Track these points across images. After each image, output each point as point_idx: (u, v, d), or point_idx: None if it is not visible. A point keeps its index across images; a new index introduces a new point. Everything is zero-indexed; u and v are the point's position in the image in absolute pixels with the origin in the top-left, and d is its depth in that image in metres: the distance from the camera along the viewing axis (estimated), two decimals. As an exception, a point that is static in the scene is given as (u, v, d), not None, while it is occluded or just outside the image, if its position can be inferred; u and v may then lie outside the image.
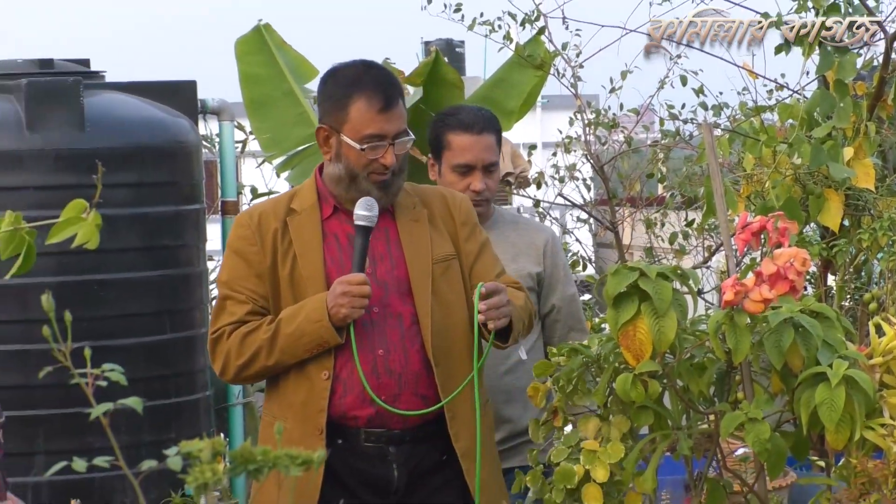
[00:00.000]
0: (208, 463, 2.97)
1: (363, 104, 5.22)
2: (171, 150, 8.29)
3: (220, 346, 5.16)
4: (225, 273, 5.33)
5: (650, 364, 5.47)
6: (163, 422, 7.58)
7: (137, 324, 8.00)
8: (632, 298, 5.46)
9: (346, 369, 5.15)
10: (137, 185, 8.04)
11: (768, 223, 6.00)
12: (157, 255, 8.20)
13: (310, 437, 5.03)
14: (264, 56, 9.66)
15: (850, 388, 5.69)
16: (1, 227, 3.19)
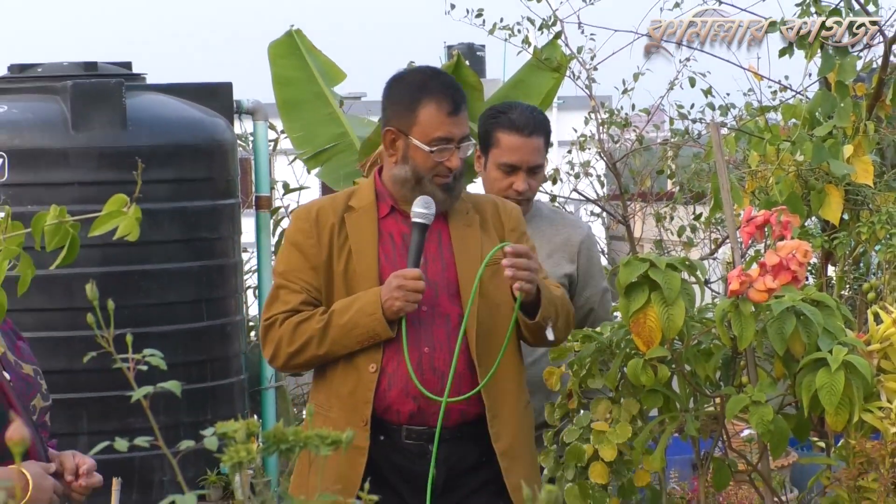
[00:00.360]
0: (243, 443, 2.95)
1: (433, 108, 5.11)
2: (208, 148, 8.31)
3: (272, 333, 5.06)
4: (282, 264, 5.24)
5: (659, 350, 5.46)
6: (200, 404, 7.58)
7: (176, 312, 8.03)
8: (642, 288, 5.45)
9: (393, 363, 5.06)
10: (176, 181, 8.05)
11: (772, 217, 5.98)
12: (195, 246, 8.20)
13: (355, 427, 4.86)
14: (296, 60, 9.66)
15: (849, 372, 5.69)
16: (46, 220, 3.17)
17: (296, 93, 9.63)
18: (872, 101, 7.70)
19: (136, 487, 7.21)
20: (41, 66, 8.35)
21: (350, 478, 4.83)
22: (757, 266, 5.85)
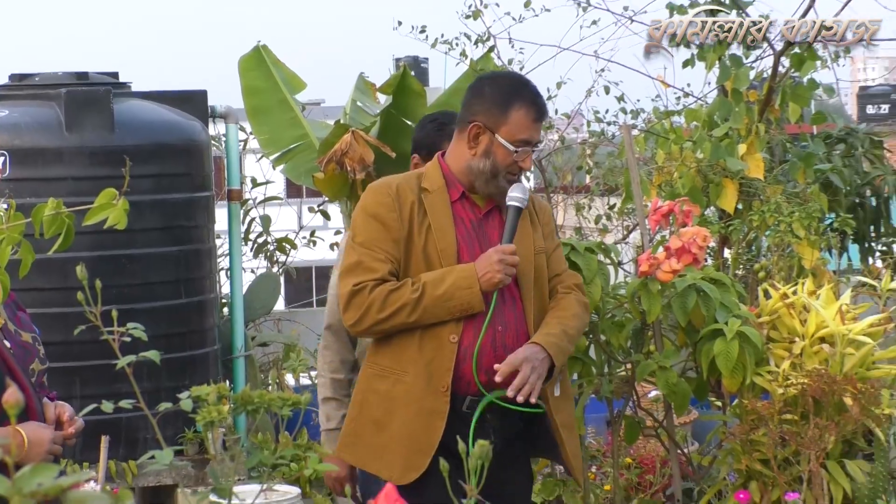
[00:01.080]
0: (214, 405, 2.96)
1: (524, 112, 4.90)
2: (185, 147, 8.33)
3: (359, 298, 4.74)
4: (361, 234, 4.85)
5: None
6: (178, 371, 7.58)
7: (157, 290, 8.04)
8: (565, 268, 5.46)
9: (468, 338, 4.81)
10: (158, 176, 8.05)
11: (675, 207, 6.02)
12: (174, 234, 8.22)
13: (434, 393, 4.75)
14: (262, 71, 9.70)
15: (742, 341, 5.75)
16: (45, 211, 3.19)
17: (262, 100, 9.67)
18: (763, 106, 7.75)
19: (123, 444, 7.22)
20: (38, 76, 8.40)
21: (425, 438, 4.72)
22: (663, 249, 5.89)
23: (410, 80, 9.07)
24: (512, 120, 4.84)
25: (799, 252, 7.07)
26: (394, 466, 4.73)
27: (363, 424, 4.86)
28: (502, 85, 4.99)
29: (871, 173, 10.20)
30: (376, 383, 4.87)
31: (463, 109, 4.99)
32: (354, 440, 4.94)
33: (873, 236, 10.30)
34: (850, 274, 9.35)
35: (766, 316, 6.13)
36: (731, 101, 7.65)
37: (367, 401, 4.87)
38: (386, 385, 4.82)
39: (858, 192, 10.10)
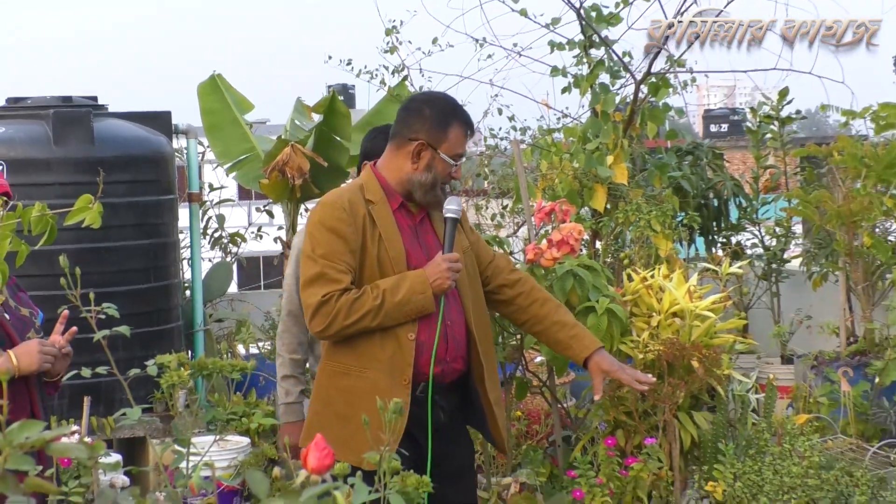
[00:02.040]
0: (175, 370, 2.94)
1: (459, 130, 4.75)
2: (153, 158, 8.29)
3: (326, 308, 4.51)
4: (322, 247, 4.59)
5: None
6: (148, 343, 7.52)
7: (131, 276, 7.99)
8: (466, 257, 5.44)
9: (425, 334, 4.65)
10: (131, 182, 8.04)
11: (556, 206, 6.04)
12: (145, 229, 8.19)
13: (398, 386, 4.54)
14: (217, 96, 9.69)
15: (610, 316, 5.78)
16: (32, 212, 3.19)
17: (217, 119, 9.66)
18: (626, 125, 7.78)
19: (102, 404, 7.17)
20: (30, 99, 8.36)
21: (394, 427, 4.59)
22: (546, 241, 5.90)
23: (338, 103, 9.09)
24: (451, 138, 4.71)
25: (656, 243, 7.10)
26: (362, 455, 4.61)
27: (328, 418, 4.67)
28: (440, 106, 4.82)
29: (714, 179, 10.28)
30: (338, 380, 4.69)
31: (401, 127, 4.79)
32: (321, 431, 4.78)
33: (716, 230, 10.38)
34: (697, 261, 9.43)
35: (629, 295, 6.17)
36: (601, 121, 7.68)
37: (331, 396, 4.69)
38: (348, 381, 4.64)
39: (703, 194, 10.17)
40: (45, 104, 8.14)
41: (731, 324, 6.43)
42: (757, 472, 5.51)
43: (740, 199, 10.43)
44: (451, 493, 4.67)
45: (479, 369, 4.84)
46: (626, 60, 7.65)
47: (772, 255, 10.24)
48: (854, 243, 9.07)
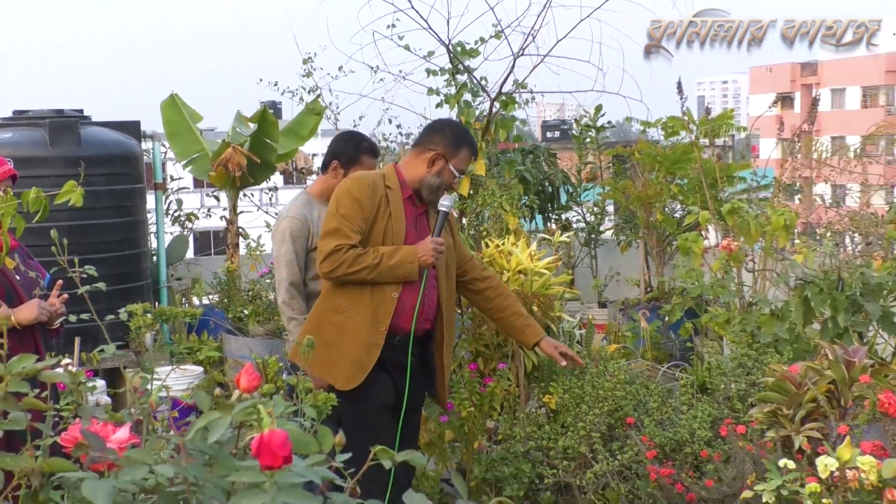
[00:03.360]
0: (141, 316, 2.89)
1: (467, 151, 4.71)
2: (127, 156, 8.26)
3: (336, 255, 4.42)
4: (344, 209, 4.48)
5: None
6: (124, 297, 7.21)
7: (110, 245, 7.94)
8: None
9: (406, 295, 4.58)
10: (110, 174, 8.02)
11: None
12: (120, 210, 8.13)
13: (375, 331, 4.50)
14: (175, 110, 9.58)
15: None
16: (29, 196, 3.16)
17: (176, 128, 9.57)
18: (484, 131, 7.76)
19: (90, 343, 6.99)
20: (31, 111, 8.28)
21: (366, 360, 4.51)
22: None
23: (268, 114, 9.03)
24: (460, 155, 4.68)
25: (506, 220, 7.11)
26: (339, 377, 4.51)
27: (316, 342, 4.63)
28: (458, 131, 4.79)
29: (549, 172, 10.36)
30: (331, 316, 4.59)
31: (424, 139, 4.75)
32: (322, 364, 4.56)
33: (550, 210, 10.48)
34: (536, 233, 9.49)
35: (486, 258, 6.18)
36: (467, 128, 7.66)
37: (322, 327, 4.58)
38: (339, 318, 4.56)
39: (541, 183, 10.26)
40: (43, 115, 8.08)
41: (561, 279, 6.48)
42: (580, 387, 5.57)
43: (568, 186, 10.55)
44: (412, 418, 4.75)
45: (440, 335, 4.79)
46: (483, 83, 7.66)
47: (591, 228, 10.37)
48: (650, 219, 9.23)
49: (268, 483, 1.64)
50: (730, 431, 4.62)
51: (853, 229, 8.12)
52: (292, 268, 5.32)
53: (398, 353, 4.60)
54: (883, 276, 5.68)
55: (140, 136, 8.84)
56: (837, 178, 9.29)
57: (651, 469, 4.80)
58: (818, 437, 4.23)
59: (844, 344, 4.98)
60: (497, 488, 5.41)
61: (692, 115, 8.94)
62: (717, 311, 6.76)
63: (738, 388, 5.42)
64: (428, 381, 4.84)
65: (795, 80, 58.92)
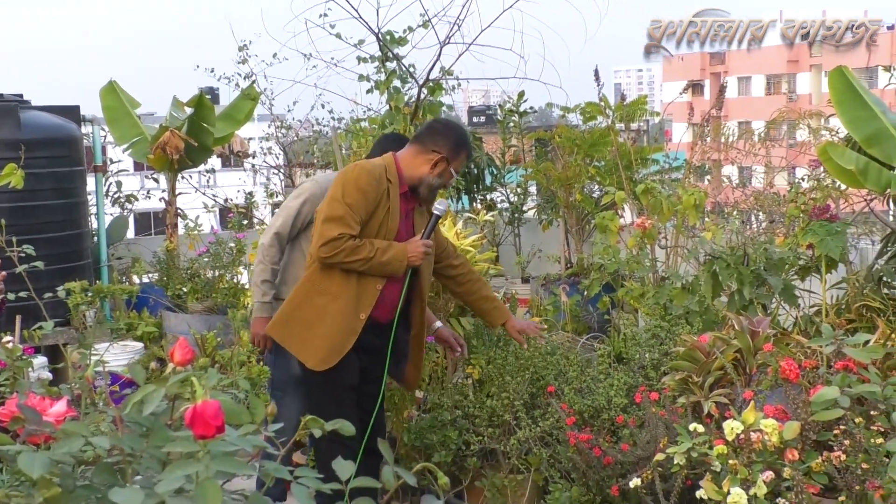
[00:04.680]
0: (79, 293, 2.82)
1: (465, 155, 4.65)
2: (67, 140, 8.08)
3: (338, 242, 4.33)
4: (350, 198, 4.38)
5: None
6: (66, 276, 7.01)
7: (52, 226, 7.78)
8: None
9: (389, 289, 4.53)
10: (51, 157, 7.84)
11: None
12: (62, 192, 7.96)
13: (356, 317, 4.45)
14: (114, 96, 9.46)
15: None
16: None
17: (115, 114, 9.44)
18: (412, 116, 7.73)
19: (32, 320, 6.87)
20: None
21: (343, 345, 4.44)
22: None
23: (204, 99, 8.93)
24: (460, 158, 4.62)
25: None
26: (313, 358, 4.46)
27: (295, 319, 4.52)
28: (459, 135, 4.70)
29: (474, 155, 10.35)
30: (315, 297, 4.51)
31: (427, 139, 4.63)
32: (285, 326, 4.58)
33: (476, 190, 10.48)
34: (463, 212, 9.49)
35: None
36: (395, 113, 7.61)
37: (303, 305, 4.51)
38: (322, 301, 4.48)
39: (467, 165, 10.26)
40: (-16, 101, 7.88)
41: (486, 255, 6.49)
42: (503, 357, 5.59)
43: (492, 168, 10.55)
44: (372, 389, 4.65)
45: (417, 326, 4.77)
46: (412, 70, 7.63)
47: (514, 208, 10.40)
48: (570, 199, 9.27)
49: (201, 452, 1.62)
50: (644, 398, 4.67)
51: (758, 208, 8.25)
52: (287, 221, 5.26)
53: (371, 337, 4.55)
54: (785, 251, 5.78)
55: (80, 121, 8.69)
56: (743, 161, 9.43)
57: (570, 435, 4.83)
58: (725, 403, 4.29)
59: (749, 315, 5.05)
60: (426, 455, 5.41)
61: (609, 101, 8.99)
62: (633, 285, 6.83)
63: (652, 358, 5.48)
64: (395, 364, 4.76)
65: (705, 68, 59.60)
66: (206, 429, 1.63)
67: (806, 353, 4.61)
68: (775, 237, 6.16)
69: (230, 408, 1.72)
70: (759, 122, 12.23)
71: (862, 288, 5.82)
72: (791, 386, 3.86)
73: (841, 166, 5.35)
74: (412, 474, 1.99)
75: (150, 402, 1.74)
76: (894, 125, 5.28)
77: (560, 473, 5.02)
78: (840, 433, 3.64)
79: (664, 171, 9.15)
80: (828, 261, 5.61)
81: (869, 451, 3.53)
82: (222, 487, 1.66)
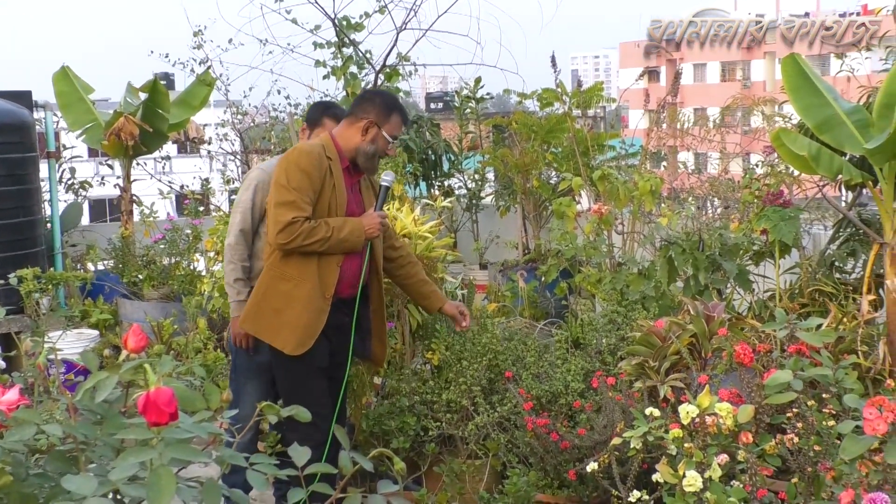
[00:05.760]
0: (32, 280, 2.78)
1: (398, 117, 4.60)
2: (19, 125, 7.92)
3: (293, 227, 4.31)
4: (295, 182, 4.36)
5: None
6: (19, 263, 7.10)
7: (5, 212, 7.65)
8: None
9: (347, 264, 4.52)
10: (2, 143, 7.70)
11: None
12: (14, 178, 7.81)
13: (322, 297, 4.44)
14: (67, 81, 9.34)
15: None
16: None
17: (68, 99, 9.33)
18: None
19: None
20: None
21: (315, 326, 4.44)
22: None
23: (159, 85, 8.85)
24: (392, 122, 4.58)
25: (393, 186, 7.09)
26: (289, 343, 4.45)
27: (264, 309, 4.51)
28: (388, 99, 4.67)
29: (432, 141, 10.35)
30: (279, 284, 4.50)
31: (357, 108, 4.62)
32: (256, 318, 4.56)
33: (433, 177, 10.47)
34: (420, 198, 9.48)
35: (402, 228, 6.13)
36: (351, 99, 7.59)
37: (269, 294, 4.50)
38: (287, 287, 4.47)
39: (424, 151, 10.24)
40: (-67, 85, 7.70)
41: (444, 242, 6.48)
42: (461, 343, 5.60)
43: (450, 154, 10.55)
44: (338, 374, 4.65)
45: (377, 301, 4.76)
46: (368, 56, 7.60)
47: (472, 194, 10.40)
48: (527, 185, 9.29)
49: (155, 440, 1.60)
50: (601, 383, 4.70)
51: (713, 194, 8.31)
52: (246, 215, 5.21)
53: (338, 314, 4.55)
54: (739, 237, 5.83)
55: (32, 106, 8.57)
56: (699, 147, 9.49)
57: (528, 420, 4.85)
58: (681, 387, 4.33)
59: (705, 300, 5.10)
60: (384, 441, 5.41)
61: (565, 87, 9.01)
62: (590, 271, 6.86)
63: (609, 343, 5.51)
64: (361, 342, 4.77)
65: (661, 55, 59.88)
66: (160, 416, 1.61)
67: (760, 338, 4.67)
68: (730, 223, 6.22)
69: (184, 395, 1.70)
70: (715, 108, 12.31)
71: (815, 273, 5.89)
72: (745, 370, 3.90)
73: (794, 152, 5.39)
74: (368, 460, 1.99)
75: (102, 388, 1.72)
76: (846, 112, 5.34)
77: (518, 458, 5.04)
78: (793, 416, 3.68)
79: (620, 157, 9.19)
80: (781, 246, 5.66)
81: (821, 433, 3.58)
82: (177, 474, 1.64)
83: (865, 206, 6.50)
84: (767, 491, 3.44)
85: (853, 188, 6.01)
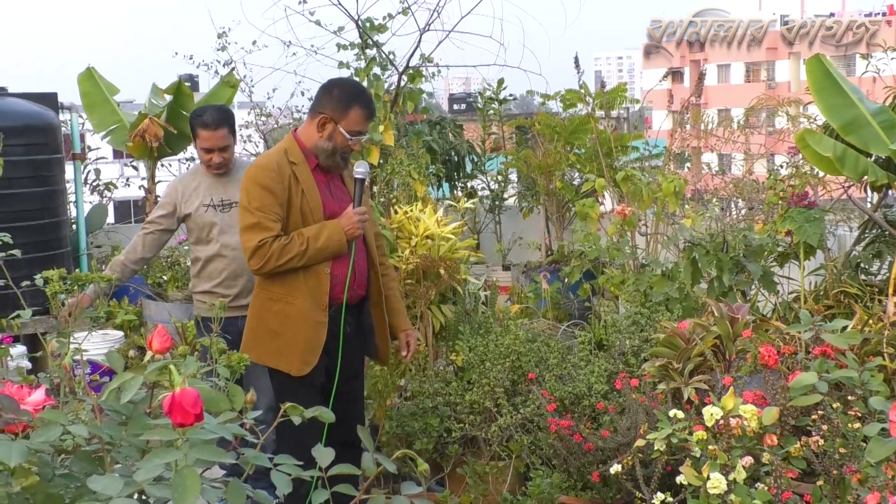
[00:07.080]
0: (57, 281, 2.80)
1: (359, 111, 4.32)
2: (45, 127, 7.93)
3: (262, 251, 4.18)
4: (257, 201, 4.22)
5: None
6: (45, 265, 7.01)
7: (31, 214, 7.66)
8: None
9: (337, 269, 4.34)
10: (28, 144, 7.69)
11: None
12: (39, 180, 7.82)
13: (318, 309, 4.29)
14: (92, 82, 9.37)
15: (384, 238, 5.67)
16: None
17: (93, 100, 9.35)
18: (393, 103, 7.73)
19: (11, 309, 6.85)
20: None
21: (316, 340, 4.30)
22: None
23: (183, 86, 8.90)
24: (351, 116, 4.32)
25: (414, 187, 7.10)
26: (292, 363, 4.31)
27: (262, 334, 4.38)
28: (347, 90, 4.40)
29: (455, 142, 10.35)
30: (271, 305, 4.35)
31: (315, 102, 4.42)
32: (255, 343, 4.39)
33: (456, 178, 10.48)
34: (443, 199, 9.49)
35: (395, 224, 6.15)
36: (375, 100, 7.60)
37: (264, 317, 4.37)
38: (279, 306, 4.33)
39: (447, 152, 10.24)
40: (-40, 89, 7.79)
41: (467, 243, 6.49)
42: (485, 345, 5.59)
43: (473, 156, 10.55)
44: (351, 388, 4.55)
45: (375, 294, 4.60)
46: (391, 58, 7.61)
47: (495, 195, 10.39)
48: (550, 186, 9.28)
49: (180, 440, 1.61)
50: (624, 385, 4.68)
51: (737, 195, 8.27)
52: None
53: (335, 323, 4.40)
54: (763, 238, 5.80)
55: (57, 108, 8.60)
56: (723, 148, 9.44)
57: (551, 421, 4.85)
58: (705, 389, 4.31)
59: (729, 301, 5.07)
60: (407, 442, 5.42)
61: (589, 88, 8.99)
62: (613, 272, 6.84)
63: (632, 345, 5.49)
64: (365, 344, 4.65)
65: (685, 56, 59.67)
66: (185, 417, 1.62)
67: (784, 340, 4.64)
68: (754, 224, 6.18)
69: (209, 395, 1.71)
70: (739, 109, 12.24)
71: (840, 274, 5.85)
72: (770, 372, 3.88)
73: (819, 153, 5.36)
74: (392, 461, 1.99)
75: (127, 389, 1.73)
76: (872, 113, 5.30)
77: (541, 460, 5.03)
78: (818, 418, 3.66)
79: (644, 158, 9.17)
80: (806, 247, 5.63)
81: (846, 435, 3.56)
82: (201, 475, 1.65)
83: (891, 208, 6.45)
84: (792, 493, 3.42)
85: (879, 189, 5.97)
